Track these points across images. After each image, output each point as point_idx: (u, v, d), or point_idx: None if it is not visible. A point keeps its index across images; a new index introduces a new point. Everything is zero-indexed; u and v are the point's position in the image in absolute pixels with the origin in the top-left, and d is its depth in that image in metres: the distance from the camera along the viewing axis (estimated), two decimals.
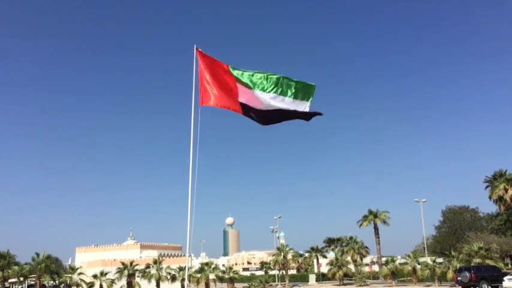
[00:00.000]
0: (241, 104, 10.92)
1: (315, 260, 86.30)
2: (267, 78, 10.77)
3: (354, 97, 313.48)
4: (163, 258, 79.75)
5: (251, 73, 10.97)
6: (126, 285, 61.56)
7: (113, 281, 59.88)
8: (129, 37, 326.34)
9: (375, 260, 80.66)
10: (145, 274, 62.79)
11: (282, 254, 69.80)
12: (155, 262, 64.35)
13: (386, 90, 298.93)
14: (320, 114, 10.63)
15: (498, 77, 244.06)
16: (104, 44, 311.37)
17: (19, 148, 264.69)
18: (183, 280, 60.58)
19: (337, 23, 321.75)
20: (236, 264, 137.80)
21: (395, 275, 55.17)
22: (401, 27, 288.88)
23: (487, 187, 62.79)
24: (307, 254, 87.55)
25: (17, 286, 70.38)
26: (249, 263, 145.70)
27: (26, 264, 62.48)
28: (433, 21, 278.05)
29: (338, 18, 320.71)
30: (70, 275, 59.39)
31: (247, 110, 10.90)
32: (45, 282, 61.77)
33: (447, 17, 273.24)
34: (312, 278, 72.41)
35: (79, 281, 58.51)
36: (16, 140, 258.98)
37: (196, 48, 11.64)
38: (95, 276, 59.94)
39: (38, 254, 57.68)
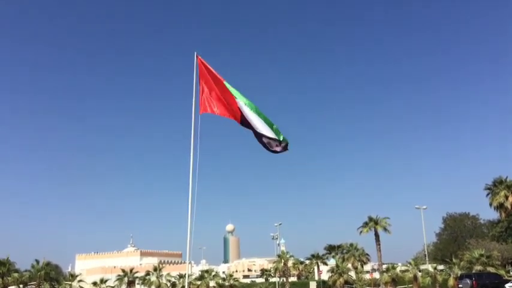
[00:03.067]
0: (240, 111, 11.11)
1: (315, 267, 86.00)
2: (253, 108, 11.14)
3: (353, 102, 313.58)
4: (164, 265, 79.62)
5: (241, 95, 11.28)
6: None
7: None
8: (129, 40, 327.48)
9: (375, 267, 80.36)
10: (145, 281, 62.68)
11: (283, 261, 69.66)
12: (155, 269, 64.22)
13: (386, 94, 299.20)
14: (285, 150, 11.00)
15: (500, 82, 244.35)
16: (105, 46, 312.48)
17: (19, 154, 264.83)
18: (183, 287, 60.43)
19: (337, 26, 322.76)
20: (236, 271, 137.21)
21: (396, 282, 55.02)
22: (400, 32, 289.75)
23: (487, 194, 62.64)
24: (307, 261, 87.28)
25: None
26: (249, 270, 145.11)
27: (25, 271, 62.29)
28: (431, 26, 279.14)
29: (338, 22, 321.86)
30: (70, 282, 59.24)
31: (245, 119, 11.06)
32: None
33: (446, 22, 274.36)
34: (313, 285, 72.18)
35: None
36: (16, 146, 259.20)
37: (197, 56, 11.72)
38: (94, 284, 59.87)
39: (37, 261, 57.58)
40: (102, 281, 59.79)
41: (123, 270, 63.24)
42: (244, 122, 11.09)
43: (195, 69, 11.73)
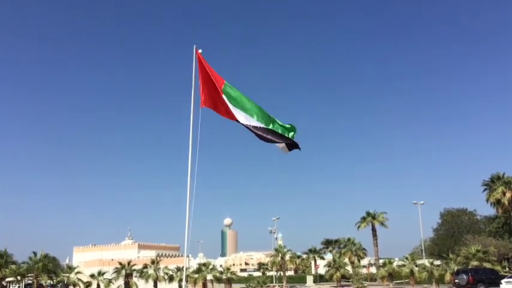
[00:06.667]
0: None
1: (312, 262, 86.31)
2: (256, 111, 10.87)
3: (352, 98, 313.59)
4: (161, 258, 79.63)
5: (244, 98, 11.04)
6: (123, 285, 61.52)
7: (110, 281, 59.82)
8: (129, 36, 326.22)
9: (372, 261, 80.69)
10: (142, 274, 62.73)
11: (280, 255, 69.82)
12: (153, 262, 64.34)
13: (384, 91, 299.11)
14: (297, 147, 10.70)
15: (497, 79, 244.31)
16: (104, 44, 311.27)
17: (17, 147, 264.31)
18: (180, 280, 60.51)
19: (339, 22, 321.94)
20: (234, 265, 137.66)
21: (393, 277, 55.18)
22: (401, 28, 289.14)
23: (484, 190, 62.73)
24: (305, 256, 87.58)
25: (14, 285, 70.19)
26: (246, 263, 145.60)
27: (23, 263, 62.26)
28: (432, 22, 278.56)
29: (339, 18, 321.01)
30: (67, 275, 59.25)
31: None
32: (42, 282, 61.59)
33: (447, 18, 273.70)
34: (310, 279, 72.45)
35: (76, 281, 58.39)
36: (14, 139, 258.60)
37: (196, 49, 11.64)
38: (92, 276, 59.87)
39: (35, 253, 57.49)
40: (100, 274, 59.79)
41: (121, 263, 63.27)
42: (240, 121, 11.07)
43: (194, 62, 11.66)
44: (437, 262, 58.23)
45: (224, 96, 11.08)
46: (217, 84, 11.30)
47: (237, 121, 10.99)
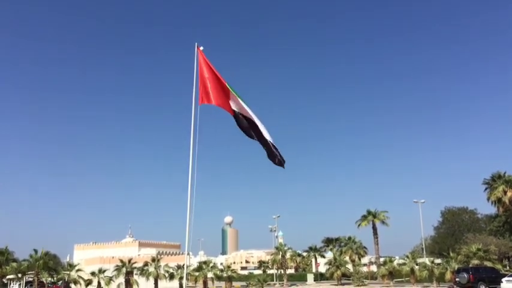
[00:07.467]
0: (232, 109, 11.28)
1: (313, 260, 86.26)
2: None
3: (353, 98, 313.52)
4: (162, 256, 79.61)
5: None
6: (124, 283, 61.53)
7: (110, 279, 59.91)
8: (129, 36, 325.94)
9: (373, 260, 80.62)
10: (143, 272, 62.73)
11: (281, 253, 69.81)
12: (153, 260, 64.32)
13: (384, 91, 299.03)
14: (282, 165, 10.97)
15: (497, 79, 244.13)
16: (104, 42, 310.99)
17: (18, 146, 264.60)
18: (181, 278, 60.58)
19: (339, 22, 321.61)
20: (234, 263, 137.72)
21: (393, 275, 55.17)
22: (401, 28, 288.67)
23: (486, 189, 62.60)
24: (305, 254, 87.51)
25: (14, 283, 70.32)
26: (247, 262, 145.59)
27: (24, 260, 62.35)
28: (432, 22, 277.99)
29: (339, 18, 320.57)
30: (68, 272, 59.30)
31: (237, 116, 11.19)
32: (43, 279, 61.68)
33: (447, 18, 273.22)
34: (310, 277, 72.44)
35: (77, 278, 58.46)
36: (15, 138, 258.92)
37: (198, 47, 11.61)
38: (93, 274, 59.91)
39: (36, 251, 57.59)
40: (101, 271, 59.84)
41: (122, 261, 63.23)
42: (243, 120, 11.14)
43: (196, 60, 11.63)
44: (438, 261, 58.26)
45: (234, 93, 11.16)
46: (223, 80, 11.33)
47: (243, 117, 11.07)
